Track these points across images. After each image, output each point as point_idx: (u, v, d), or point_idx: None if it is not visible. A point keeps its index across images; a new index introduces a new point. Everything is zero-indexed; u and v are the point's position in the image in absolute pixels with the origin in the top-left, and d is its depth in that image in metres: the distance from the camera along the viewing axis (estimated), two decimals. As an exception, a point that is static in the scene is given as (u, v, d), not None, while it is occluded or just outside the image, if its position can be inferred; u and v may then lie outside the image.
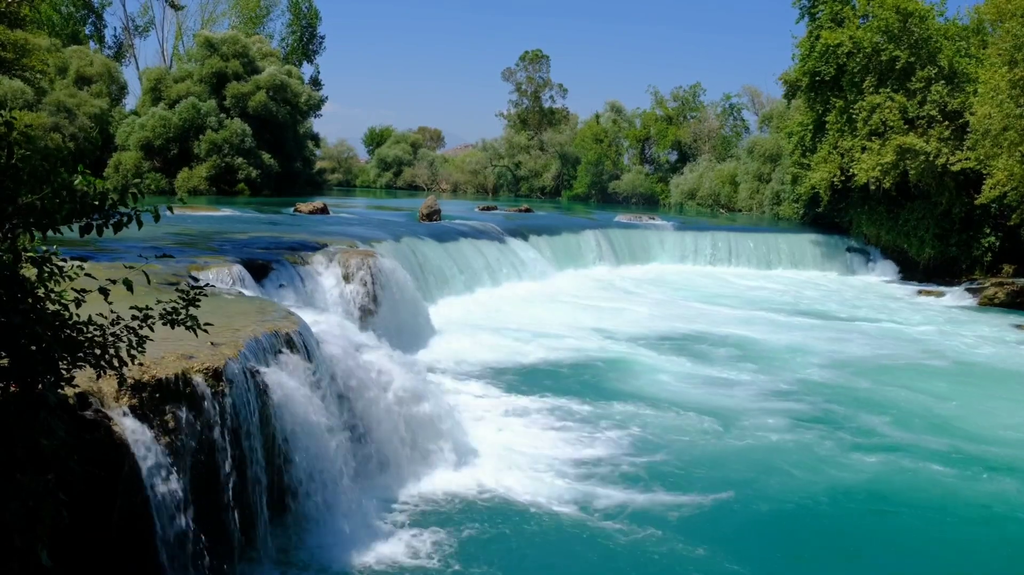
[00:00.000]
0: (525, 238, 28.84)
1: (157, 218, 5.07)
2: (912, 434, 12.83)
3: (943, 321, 23.81)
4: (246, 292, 12.58)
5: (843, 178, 33.04)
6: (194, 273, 12.69)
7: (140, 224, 4.97)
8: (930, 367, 17.72)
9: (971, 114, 28.65)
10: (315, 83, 67.71)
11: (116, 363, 5.26)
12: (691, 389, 15.08)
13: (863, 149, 32.03)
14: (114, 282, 5.18)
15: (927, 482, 10.94)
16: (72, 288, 5.05)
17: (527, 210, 41.12)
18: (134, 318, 5.44)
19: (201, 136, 46.62)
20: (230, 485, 7.27)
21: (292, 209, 31.53)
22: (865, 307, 25.94)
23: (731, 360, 17.50)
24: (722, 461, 11.39)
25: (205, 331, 5.78)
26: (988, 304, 27.29)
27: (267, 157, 48.60)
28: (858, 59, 32.01)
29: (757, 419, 13.30)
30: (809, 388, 15.42)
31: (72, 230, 5.01)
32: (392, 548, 8.33)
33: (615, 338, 19.18)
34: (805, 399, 14.62)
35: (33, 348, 4.72)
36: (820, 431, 12.75)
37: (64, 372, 5.01)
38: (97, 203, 4.86)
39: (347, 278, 16.10)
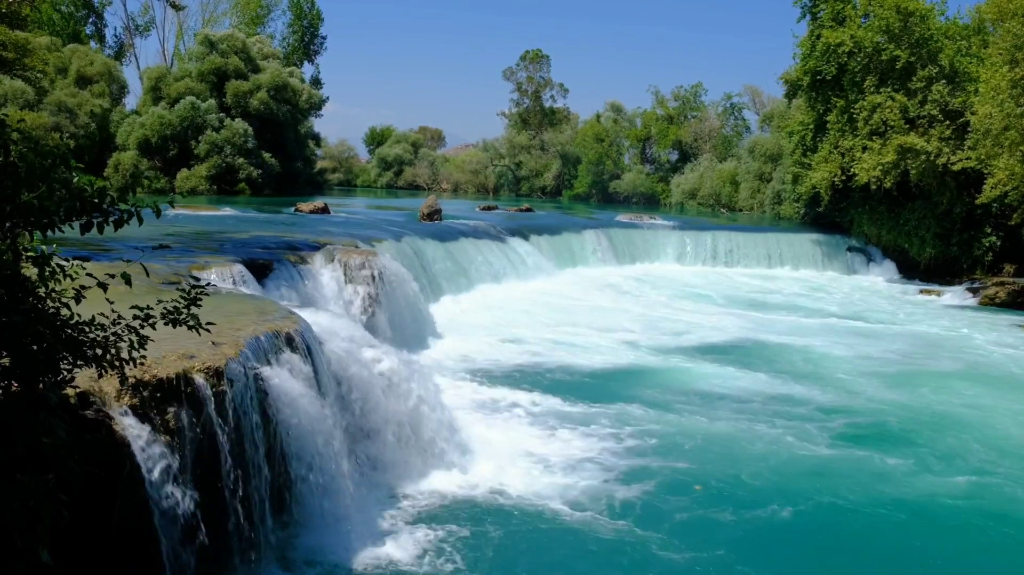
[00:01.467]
0: (526, 238, 28.85)
1: (158, 213, 5.07)
2: (973, 448, 12.25)
3: (958, 323, 23.58)
4: (247, 291, 12.57)
5: (844, 178, 33.03)
6: (195, 272, 12.68)
7: (140, 220, 4.96)
8: (969, 374, 17.25)
9: (972, 114, 28.66)
10: (316, 83, 67.71)
11: (117, 363, 5.25)
12: (689, 384, 15.08)
13: (864, 149, 32.02)
14: (112, 276, 5.17)
15: (1004, 499, 10.48)
16: (72, 287, 5.04)
17: (528, 210, 41.13)
18: (135, 318, 5.43)
19: (201, 136, 46.64)
20: (231, 484, 7.26)
21: (293, 209, 31.54)
22: (872, 308, 25.83)
23: (729, 360, 17.48)
24: (719, 463, 11.35)
25: (207, 330, 5.77)
26: (989, 304, 27.30)
27: (268, 157, 48.62)
28: (859, 58, 32.00)
29: (775, 426, 12.93)
30: (832, 390, 15.10)
31: (72, 228, 5.01)
32: (393, 547, 8.32)
33: (618, 338, 19.16)
34: (834, 404, 14.23)
35: (34, 348, 4.71)
36: (867, 443, 12.29)
37: (65, 372, 5.00)
38: (96, 200, 4.86)
39: (348, 278, 16.10)
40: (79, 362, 5.04)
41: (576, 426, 12.43)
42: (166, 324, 5.60)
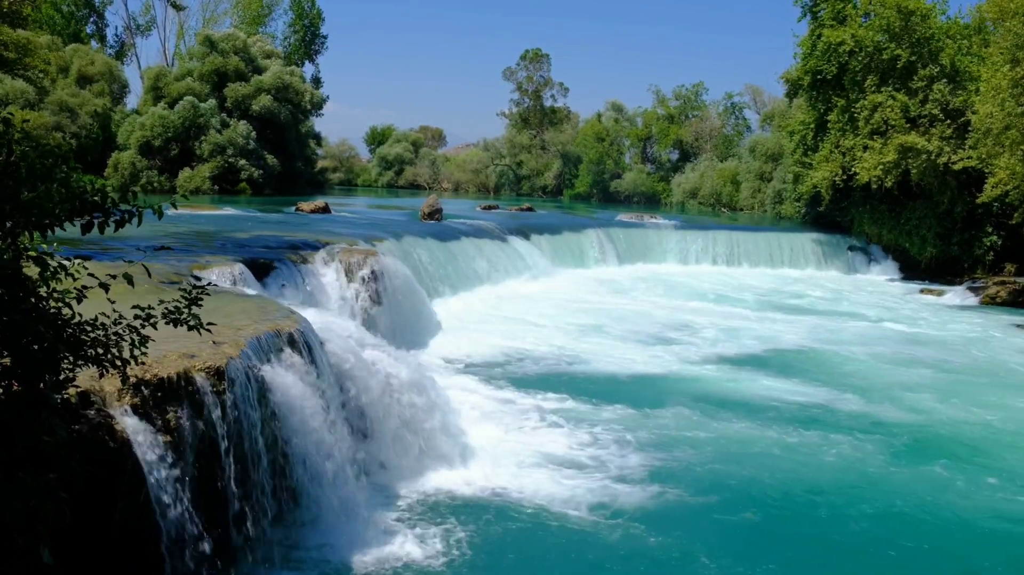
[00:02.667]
0: (527, 237, 28.85)
1: (160, 215, 5.06)
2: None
3: (975, 325, 23.25)
4: (248, 291, 12.57)
5: (845, 177, 33.05)
6: (196, 272, 12.68)
7: (140, 221, 4.96)
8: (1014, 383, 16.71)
9: (973, 113, 28.67)
10: (316, 82, 67.73)
11: (119, 362, 5.24)
12: (717, 392, 15.00)
13: (865, 148, 32.03)
14: (114, 277, 5.17)
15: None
16: (74, 287, 5.04)
17: (528, 209, 41.16)
18: (136, 317, 5.42)
19: (203, 136, 46.65)
20: (232, 484, 7.26)
21: (294, 208, 31.55)
22: (879, 308, 25.65)
23: (761, 366, 17.39)
24: (723, 462, 11.32)
25: (208, 330, 5.77)
26: (990, 303, 27.30)
27: (269, 157, 48.65)
28: (860, 58, 32.01)
29: (827, 436, 12.27)
30: (880, 400, 14.46)
31: (74, 226, 5.00)
32: (394, 547, 8.30)
33: (620, 337, 19.14)
34: (884, 415, 13.60)
35: (35, 347, 4.71)
36: (927, 457, 11.68)
37: (66, 372, 5.00)
38: (97, 200, 4.86)
39: (349, 277, 16.10)
40: (80, 362, 5.04)
41: (580, 426, 12.34)
42: (167, 324, 5.60)
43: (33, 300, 4.75)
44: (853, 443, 12.12)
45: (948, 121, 30.76)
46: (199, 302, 5.68)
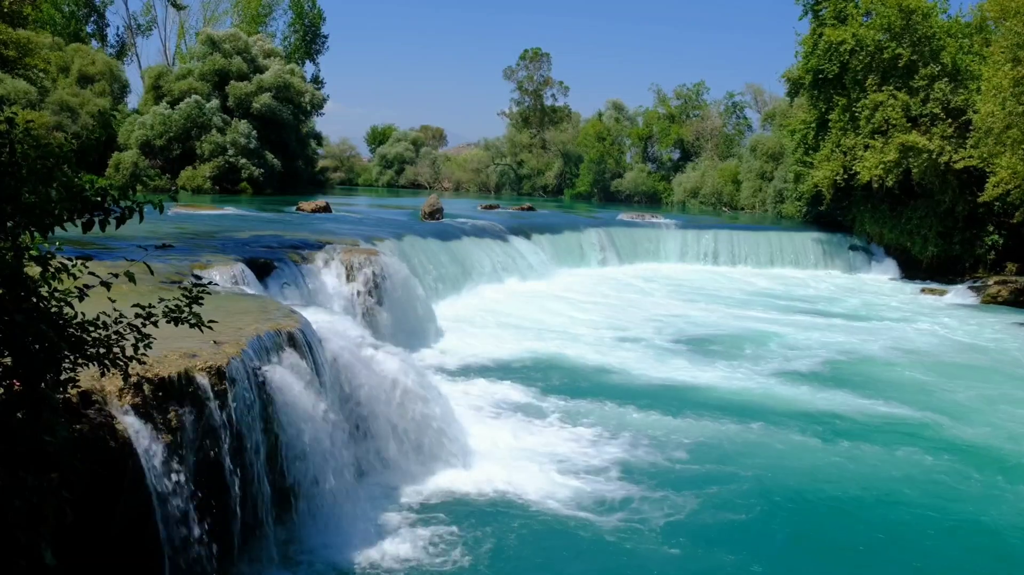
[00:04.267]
0: (528, 237, 28.85)
1: (161, 210, 5.06)
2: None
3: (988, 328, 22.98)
4: (248, 290, 12.57)
5: (846, 176, 33.05)
6: (197, 271, 12.67)
7: (142, 217, 4.97)
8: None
9: (974, 112, 28.67)
10: (316, 82, 67.70)
11: (120, 362, 5.24)
12: (706, 385, 15.04)
13: (866, 147, 32.03)
14: (116, 276, 5.17)
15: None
16: (75, 286, 5.04)
17: (529, 208, 41.20)
18: (137, 316, 5.43)
19: (205, 136, 46.69)
20: (233, 484, 7.26)
21: (294, 208, 31.57)
22: (891, 310, 25.40)
23: (741, 358, 17.45)
24: (751, 465, 11.32)
25: (210, 328, 5.76)
26: (991, 302, 27.29)
27: (270, 157, 48.68)
28: (861, 57, 32.00)
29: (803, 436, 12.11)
30: (934, 412, 13.83)
31: (76, 225, 5.01)
32: (395, 547, 8.31)
33: (621, 337, 19.13)
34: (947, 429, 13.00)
35: (36, 347, 4.71)
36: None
37: (68, 371, 5.00)
38: (99, 199, 4.86)
39: (349, 277, 16.10)
40: (81, 361, 5.04)
41: (582, 426, 12.30)
42: (168, 322, 5.60)
43: (34, 300, 4.75)
44: (921, 457, 11.59)
45: (949, 120, 30.75)
46: (200, 301, 5.68)
